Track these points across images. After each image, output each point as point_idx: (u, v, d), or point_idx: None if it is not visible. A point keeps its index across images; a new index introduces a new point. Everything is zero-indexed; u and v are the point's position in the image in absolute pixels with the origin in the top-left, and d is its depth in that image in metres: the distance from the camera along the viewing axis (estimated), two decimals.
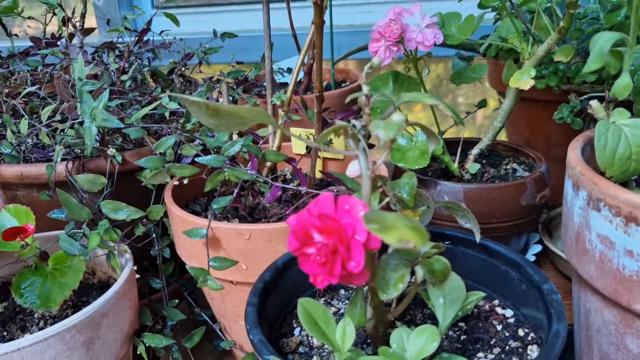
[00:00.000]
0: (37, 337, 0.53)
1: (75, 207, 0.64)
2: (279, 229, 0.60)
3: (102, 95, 0.63)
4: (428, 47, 0.74)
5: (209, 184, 0.64)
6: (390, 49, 0.73)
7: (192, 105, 0.45)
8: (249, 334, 0.47)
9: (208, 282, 0.55)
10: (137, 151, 0.71)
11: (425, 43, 0.73)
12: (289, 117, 0.68)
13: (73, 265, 0.61)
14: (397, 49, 0.74)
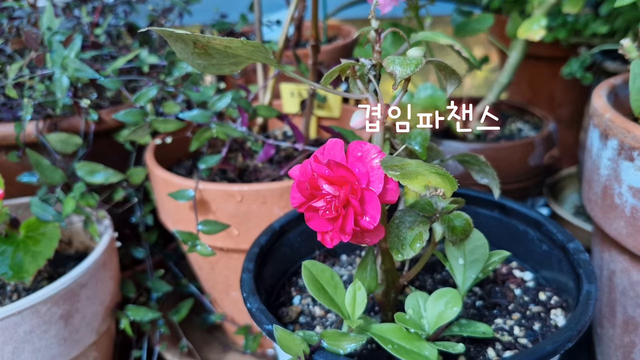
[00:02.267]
0: (9, 310, 0.48)
1: (48, 170, 0.58)
2: (274, 190, 0.55)
3: (74, 43, 0.56)
4: None
5: (195, 143, 0.59)
6: None
7: (177, 42, 0.39)
8: (246, 303, 0.43)
9: (198, 248, 0.50)
10: (114, 108, 0.66)
11: None
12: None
13: (47, 232, 0.56)
14: None
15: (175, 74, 0.63)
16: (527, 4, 0.82)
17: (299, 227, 0.53)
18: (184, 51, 0.40)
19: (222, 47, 0.38)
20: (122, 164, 0.66)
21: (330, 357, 0.37)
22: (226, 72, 0.42)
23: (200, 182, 0.55)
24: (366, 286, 0.42)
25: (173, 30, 0.38)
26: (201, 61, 0.41)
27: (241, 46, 0.37)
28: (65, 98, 0.56)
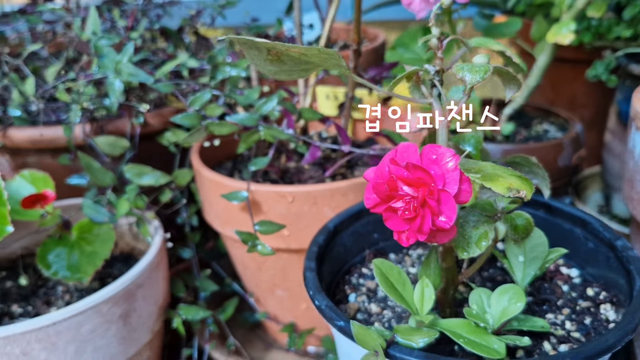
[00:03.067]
0: (74, 310, 0.50)
1: (99, 172, 0.59)
2: (324, 191, 0.57)
3: (127, 47, 0.58)
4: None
5: (243, 145, 0.60)
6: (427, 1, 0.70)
7: (252, 49, 0.41)
8: (314, 300, 0.44)
9: (258, 248, 0.52)
10: (158, 112, 0.67)
11: None
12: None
13: (101, 234, 0.57)
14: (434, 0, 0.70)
15: (219, 77, 0.65)
16: (552, 8, 0.84)
17: (350, 227, 0.55)
18: (257, 58, 0.42)
19: (297, 54, 0.40)
20: (165, 166, 0.67)
21: (405, 351, 0.39)
22: (295, 77, 0.44)
23: (251, 183, 0.57)
24: (431, 283, 0.44)
25: (250, 38, 0.40)
26: (272, 67, 0.42)
27: (317, 54, 0.39)
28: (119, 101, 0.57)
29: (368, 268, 0.56)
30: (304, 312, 0.65)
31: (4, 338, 0.48)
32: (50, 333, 0.49)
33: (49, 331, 0.49)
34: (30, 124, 0.66)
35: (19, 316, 0.56)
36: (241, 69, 0.66)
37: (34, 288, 0.60)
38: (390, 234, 0.59)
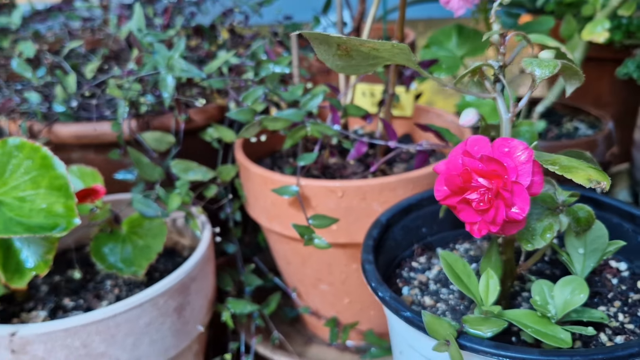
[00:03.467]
0: (132, 303, 0.51)
1: (147, 167, 0.60)
2: (374, 186, 0.58)
3: (178, 44, 0.59)
4: None
5: (289, 141, 0.61)
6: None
7: (322, 44, 0.42)
8: (377, 292, 0.45)
9: (315, 241, 0.53)
10: (201, 108, 0.68)
11: None
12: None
13: (152, 228, 0.58)
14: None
15: (262, 74, 0.66)
16: (583, 7, 0.85)
17: (400, 221, 0.56)
18: (326, 53, 0.43)
19: (367, 49, 0.41)
20: (206, 162, 0.68)
21: (475, 340, 0.39)
22: (361, 72, 0.45)
23: (301, 178, 0.58)
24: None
25: (323, 34, 0.41)
26: (341, 62, 0.43)
27: (390, 49, 0.40)
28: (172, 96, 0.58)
29: (417, 262, 0.56)
30: (346, 306, 0.66)
31: (64, 330, 0.49)
32: (110, 325, 0.50)
33: (109, 323, 0.50)
34: (74, 120, 0.67)
35: (71, 309, 0.57)
36: (283, 65, 0.67)
37: (83, 282, 0.61)
38: (437, 228, 0.60)
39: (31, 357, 0.49)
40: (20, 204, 0.46)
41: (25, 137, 0.58)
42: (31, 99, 0.66)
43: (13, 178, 0.48)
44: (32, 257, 0.49)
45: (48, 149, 0.47)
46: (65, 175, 0.46)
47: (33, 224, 0.44)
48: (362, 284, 0.64)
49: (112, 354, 0.51)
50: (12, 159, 0.48)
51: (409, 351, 0.47)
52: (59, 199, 0.46)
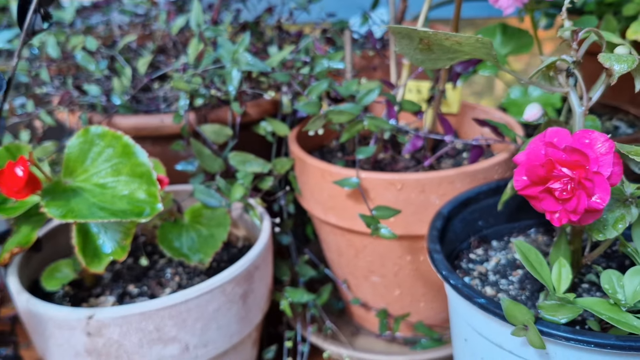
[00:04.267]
0: (203, 289, 0.52)
1: (209, 158, 0.62)
2: (433, 179, 0.59)
3: (243, 38, 0.60)
4: None
5: (346, 134, 0.63)
6: None
7: (404, 38, 0.44)
8: (449, 280, 0.47)
9: (382, 231, 0.55)
10: (256, 102, 0.70)
11: None
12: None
13: (215, 217, 0.60)
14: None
15: (317, 69, 0.67)
16: (625, 6, 0.87)
17: (460, 214, 0.58)
18: (408, 46, 0.44)
19: (449, 44, 0.42)
20: (260, 154, 0.70)
21: (552, 326, 0.41)
22: (439, 66, 0.46)
23: (360, 171, 0.59)
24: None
25: (409, 27, 0.42)
26: (420, 56, 0.45)
27: (473, 43, 0.42)
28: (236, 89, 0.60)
29: (475, 254, 0.58)
30: (396, 298, 0.68)
31: (140, 314, 0.50)
32: (182, 310, 0.52)
33: (180, 308, 0.52)
34: (132, 113, 0.69)
35: (137, 295, 0.59)
36: (337, 61, 0.68)
37: (144, 270, 0.62)
38: (493, 221, 0.62)
39: (106, 340, 0.51)
40: (101, 190, 0.48)
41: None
42: (91, 91, 0.67)
43: (94, 165, 0.49)
44: (109, 243, 0.50)
45: (130, 138, 0.49)
46: (148, 163, 0.48)
47: (116, 209, 0.46)
48: (414, 276, 0.66)
49: (182, 338, 0.53)
50: (93, 147, 0.49)
51: (477, 338, 0.49)
52: (141, 185, 0.48)
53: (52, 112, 0.71)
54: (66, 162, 0.50)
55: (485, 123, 0.61)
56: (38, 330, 0.53)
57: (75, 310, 0.50)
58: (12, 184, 0.45)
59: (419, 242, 0.63)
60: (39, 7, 0.45)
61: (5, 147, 0.50)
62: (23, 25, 0.45)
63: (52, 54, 0.69)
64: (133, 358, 0.52)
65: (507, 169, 0.63)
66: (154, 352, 0.52)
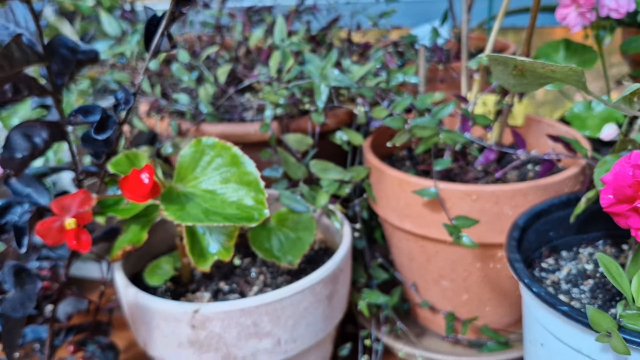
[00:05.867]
0: (296, 289, 0.57)
1: (293, 166, 0.67)
2: (507, 191, 0.63)
3: (330, 54, 0.65)
4: (621, 14, 0.76)
5: (422, 146, 0.67)
6: (583, 16, 0.76)
7: (499, 65, 0.48)
8: (531, 288, 0.51)
9: (464, 239, 0.59)
10: (333, 112, 0.74)
11: (619, 10, 0.75)
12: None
13: (301, 222, 0.65)
14: (591, 15, 0.76)
15: (392, 82, 0.72)
16: None
17: (533, 225, 0.62)
18: (502, 72, 0.49)
19: (543, 71, 0.47)
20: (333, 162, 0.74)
21: (634, 334, 0.45)
22: (530, 90, 0.51)
23: (438, 182, 0.64)
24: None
25: (502, 55, 0.47)
26: (513, 81, 0.49)
27: (566, 71, 0.46)
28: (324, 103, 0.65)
29: (546, 263, 0.62)
30: (464, 302, 0.72)
31: (240, 310, 0.56)
32: (277, 307, 0.57)
33: (276, 306, 0.57)
34: (218, 121, 0.74)
35: (228, 292, 0.64)
36: (410, 75, 0.73)
37: (231, 269, 0.68)
38: (563, 233, 0.65)
39: (208, 333, 0.56)
40: (211, 196, 0.53)
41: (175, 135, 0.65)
42: (180, 99, 0.73)
43: (204, 173, 0.55)
44: (214, 244, 0.56)
45: (238, 148, 0.54)
46: (255, 172, 0.53)
47: (227, 214, 0.51)
48: (482, 282, 0.70)
49: (275, 333, 0.58)
50: (204, 156, 0.55)
51: (554, 343, 0.53)
52: (248, 192, 0.53)
53: (141, 119, 0.76)
54: (178, 169, 0.55)
55: (558, 139, 0.65)
56: (144, 321, 0.59)
57: (182, 305, 0.56)
58: (138, 190, 0.50)
59: (489, 250, 0.67)
60: (165, 30, 0.50)
61: (125, 154, 0.55)
62: (150, 46, 0.51)
63: (151, 67, 0.74)
64: (231, 350, 0.57)
65: (576, 183, 0.67)
66: (250, 345, 0.57)
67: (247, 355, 0.58)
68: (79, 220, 0.50)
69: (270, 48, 0.82)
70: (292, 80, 0.71)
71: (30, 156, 0.52)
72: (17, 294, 0.51)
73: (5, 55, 0.46)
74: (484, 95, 0.82)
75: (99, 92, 0.84)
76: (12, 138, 0.51)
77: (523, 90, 0.49)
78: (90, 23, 0.94)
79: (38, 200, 0.54)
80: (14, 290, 0.51)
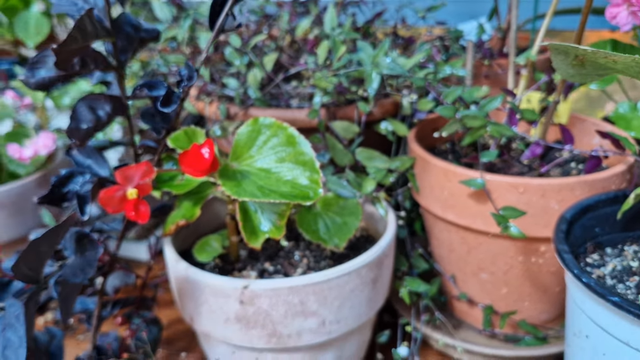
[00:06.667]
0: (343, 270, 0.58)
1: (340, 153, 0.68)
2: (554, 185, 0.63)
3: (383, 43, 0.66)
4: None
5: (468, 138, 0.68)
6: (635, 15, 0.76)
7: (560, 54, 0.48)
8: (581, 278, 0.51)
9: (512, 230, 0.60)
10: (380, 102, 0.75)
11: None
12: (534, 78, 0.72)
13: (347, 207, 0.66)
14: None
15: (440, 75, 0.72)
16: None
17: (580, 220, 0.62)
18: (562, 62, 0.49)
19: (604, 61, 0.47)
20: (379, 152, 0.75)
21: None
22: (587, 81, 0.51)
23: (484, 173, 0.64)
24: None
25: (563, 44, 0.47)
26: (572, 71, 0.50)
27: (629, 62, 0.46)
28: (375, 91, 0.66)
29: (591, 258, 0.62)
30: (502, 296, 0.72)
31: (289, 288, 0.57)
32: (324, 288, 0.58)
33: (323, 286, 0.58)
34: (267, 106, 0.75)
35: (273, 273, 0.65)
36: (457, 68, 0.73)
37: (275, 250, 0.69)
38: (609, 229, 0.66)
39: (256, 309, 0.58)
40: (266, 174, 0.55)
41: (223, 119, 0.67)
42: (230, 84, 0.75)
43: (259, 152, 0.56)
44: (266, 223, 0.57)
45: (294, 129, 0.55)
46: (311, 152, 0.54)
47: (283, 192, 0.53)
48: (522, 276, 0.70)
49: (321, 313, 0.59)
50: (260, 136, 0.56)
51: (600, 335, 0.53)
52: (303, 172, 0.54)
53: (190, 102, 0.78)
54: (234, 147, 0.57)
55: (607, 135, 0.65)
56: (192, 296, 0.60)
57: (232, 280, 0.57)
58: (198, 164, 0.51)
59: (532, 244, 0.67)
60: (230, 10, 0.51)
61: (184, 130, 0.57)
62: (215, 24, 0.52)
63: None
64: (277, 327, 0.58)
65: (623, 181, 0.67)
66: (295, 323, 0.58)
67: (292, 333, 0.59)
68: (140, 191, 0.51)
69: (316, 38, 0.84)
70: (340, 68, 0.72)
71: (94, 128, 0.54)
72: (77, 260, 0.53)
73: (79, 27, 0.48)
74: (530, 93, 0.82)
75: (147, 75, 0.85)
76: (78, 109, 0.53)
77: (581, 80, 0.50)
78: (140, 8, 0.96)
79: (98, 171, 0.56)
80: (74, 257, 0.53)
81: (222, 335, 0.60)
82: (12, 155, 0.80)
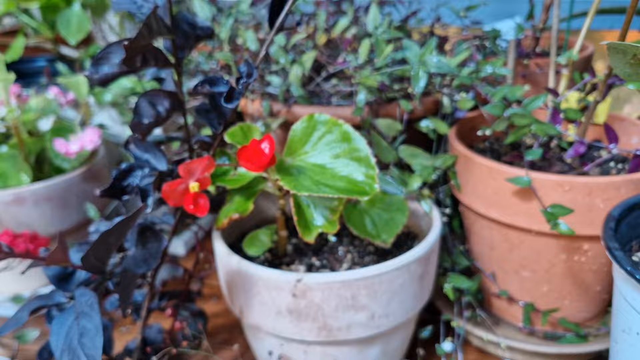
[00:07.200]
0: (393, 266, 0.59)
1: (385, 150, 0.69)
2: (600, 184, 0.64)
3: (430, 42, 0.67)
4: None
5: (512, 137, 0.69)
6: None
7: (618, 53, 0.49)
8: (634, 275, 0.52)
9: (562, 227, 0.60)
10: (422, 100, 0.76)
11: None
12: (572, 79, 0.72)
13: (393, 203, 0.67)
14: None
15: (481, 74, 0.73)
16: None
17: (626, 218, 0.63)
18: (619, 60, 0.50)
19: None
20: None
21: None
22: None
23: (530, 171, 0.65)
24: None
25: (623, 43, 0.48)
26: (629, 70, 0.50)
27: None
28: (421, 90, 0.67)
29: (637, 256, 0.63)
30: (543, 294, 0.73)
31: (341, 282, 0.58)
32: (375, 282, 0.59)
33: (374, 280, 0.59)
34: (309, 104, 0.77)
35: (320, 267, 0.66)
36: (498, 67, 0.74)
37: (319, 246, 0.70)
38: None
39: (308, 302, 0.59)
40: (321, 170, 0.56)
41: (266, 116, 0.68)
42: (274, 82, 0.76)
43: (314, 148, 0.57)
44: (319, 218, 0.58)
45: (349, 125, 0.56)
46: (366, 149, 0.55)
47: (339, 187, 0.54)
48: (564, 274, 0.71)
49: (371, 307, 0.60)
50: (315, 132, 0.57)
51: None
52: (359, 168, 0.55)
53: None
54: (289, 143, 0.58)
55: None
56: (243, 289, 0.62)
57: (285, 274, 0.58)
58: (258, 159, 0.53)
59: (576, 242, 0.68)
60: (290, 9, 0.52)
61: (239, 126, 0.58)
62: (274, 23, 0.53)
63: (251, 47, 0.77)
64: (327, 321, 0.60)
65: None
66: (346, 317, 0.60)
67: (342, 327, 0.60)
68: (200, 185, 0.52)
69: (354, 37, 0.85)
70: (383, 67, 0.73)
71: (154, 123, 0.55)
72: (138, 251, 0.54)
73: (147, 24, 0.49)
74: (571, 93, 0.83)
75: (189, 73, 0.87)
76: (140, 105, 0.54)
77: (637, 79, 0.50)
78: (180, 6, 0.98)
79: (156, 165, 0.57)
80: (135, 249, 0.54)
81: (272, 327, 0.62)
82: (59, 150, 0.81)
